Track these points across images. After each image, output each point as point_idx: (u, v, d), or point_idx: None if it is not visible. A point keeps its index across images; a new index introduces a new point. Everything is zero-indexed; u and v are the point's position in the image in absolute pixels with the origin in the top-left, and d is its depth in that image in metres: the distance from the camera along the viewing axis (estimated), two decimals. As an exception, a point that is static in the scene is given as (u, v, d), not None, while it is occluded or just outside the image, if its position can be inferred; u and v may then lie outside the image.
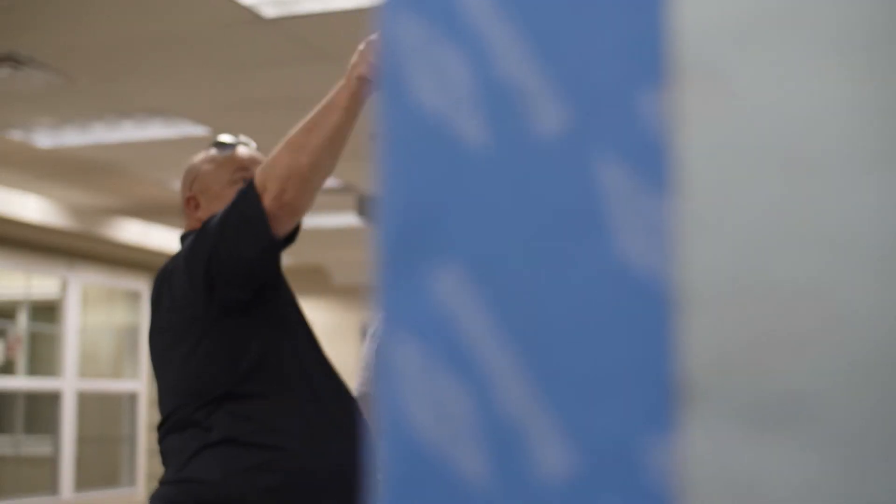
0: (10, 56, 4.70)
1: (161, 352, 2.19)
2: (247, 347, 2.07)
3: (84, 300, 8.80)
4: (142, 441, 9.20)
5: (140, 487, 9.14)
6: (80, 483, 8.52)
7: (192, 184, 2.30)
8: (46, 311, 8.68)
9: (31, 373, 8.51)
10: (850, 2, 0.57)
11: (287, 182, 1.98)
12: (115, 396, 9.19)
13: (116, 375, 9.31)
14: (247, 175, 2.21)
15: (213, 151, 2.32)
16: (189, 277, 2.08)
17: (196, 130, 5.96)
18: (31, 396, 8.66)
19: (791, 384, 0.55)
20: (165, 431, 2.15)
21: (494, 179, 0.60)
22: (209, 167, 2.29)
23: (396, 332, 0.60)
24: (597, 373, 0.58)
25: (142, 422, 9.24)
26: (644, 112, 0.58)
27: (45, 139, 6.20)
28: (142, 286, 9.32)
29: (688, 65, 0.58)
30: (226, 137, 2.34)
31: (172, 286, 2.14)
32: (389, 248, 0.60)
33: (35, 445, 8.69)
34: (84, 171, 6.98)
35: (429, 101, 0.61)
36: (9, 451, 8.63)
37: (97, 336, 9.23)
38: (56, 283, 8.54)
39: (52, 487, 8.30)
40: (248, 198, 2.01)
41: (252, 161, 2.28)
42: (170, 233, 8.93)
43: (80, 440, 8.58)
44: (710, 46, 0.58)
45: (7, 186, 7.44)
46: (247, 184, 2.04)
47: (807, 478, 0.54)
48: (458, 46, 0.61)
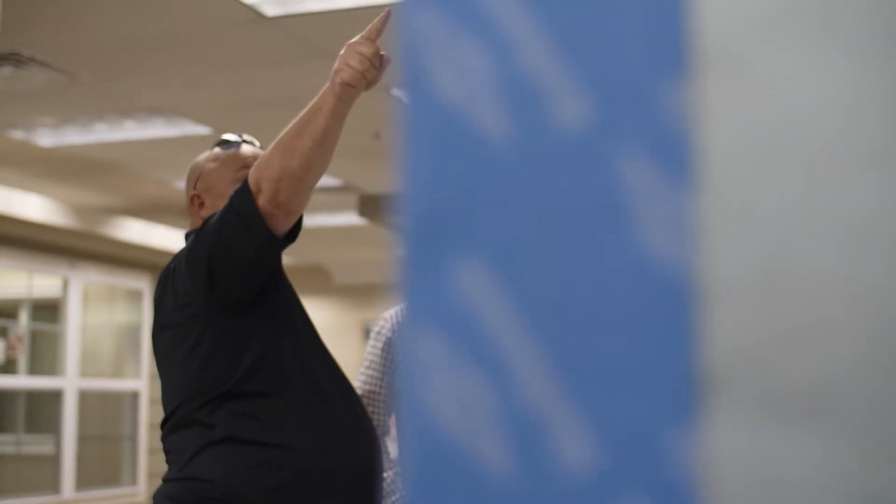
0: (12, 55, 4.70)
1: (164, 350, 2.20)
2: (247, 346, 2.07)
3: (85, 299, 8.79)
4: (143, 440, 9.20)
5: (141, 486, 9.14)
6: (82, 482, 8.51)
7: (197, 182, 2.30)
8: (48, 310, 8.67)
9: (33, 372, 8.51)
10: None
11: (280, 183, 1.98)
12: (117, 395, 9.19)
13: (118, 374, 9.30)
14: (251, 173, 2.21)
15: (218, 150, 2.32)
16: (191, 276, 2.08)
17: (198, 129, 5.95)
18: (33, 395, 8.66)
19: (815, 375, 0.55)
20: (168, 430, 2.15)
21: (517, 173, 0.60)
22: (213, 165, 2.29)
23: (420, 326, 0.60)
24: (620, 366, 0.58)
25: (143, 421, 9.23)
26: (667, 105, 0.58)
27: (47, 138, 6.20)
28: (143, 285, 9.31)
29: (710, 57, 0.58)
30: (230, 136, 2.34)
31: (175, 285, 2.14)
32: (413, 242, 0.60)
33: (36, 444, 8.68)
34: (85, 170, 6.97)
35: (451, 95, 0.61)
36: (10, 450, 8.62)
37: (98, 335, 9.22)
38: (57, 282, 8.54)
39: (54, 486, 8.29)
40: (244, 197, 2.01)
41: (255, 159, 2.28)
42: (171, 232, 8.93)
43: (82, 439, 8.57)
44: (733, 39, 0.58)
45: (8, 185, 7.44)
46: (241, 184, 2.04)
47: (832, 469, 0.54)
48: (481, 40, 0.61)
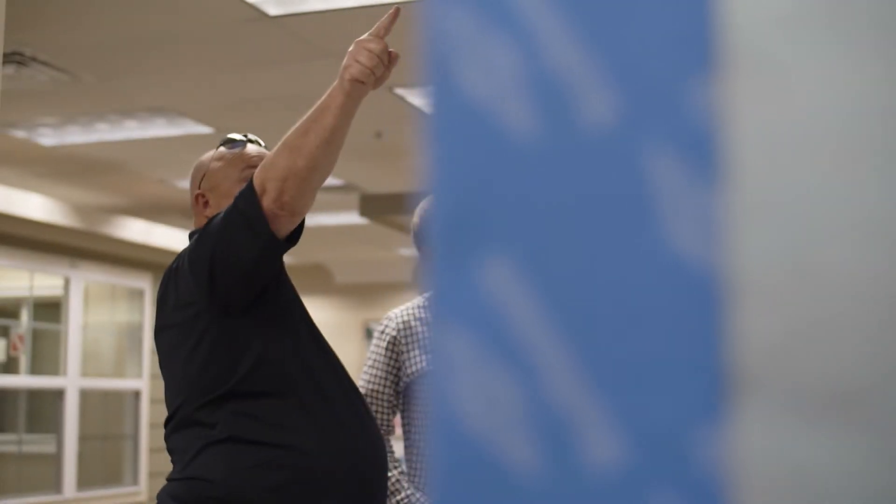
0: (14, 54, 4.70)
1: (166, 350, 2.20)
2: (248, 346, 2.07)
3: (86, 298, 8.79)
4: (144, 439, 9.20)
5: (143, 486, 9.14)
6: (83, 481, 8.51)
7: (201, 181, 2.29)
8: (49, 310, 8.67)
9: (34, 371, 8.51)
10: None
11: (285, 183, 1.97)
12: (118, 394, 9.19)
13: (119, 374, 9.30)
14: (256, 173, 2.21)
15: (223, 149, 2.32)
16: (192, 276, 2.08)
17: (200, 129, 5.95)
18: (34, 394, 8.66)
19: (844, 372, 0.55)
20: (171, 429, 2.16)
21: (544, 170, 0.60)
22: (218, 165, 2.29)
23: (447, 323, 0.60)
24: (648, 364, 0.58)
25: (144, 420, 9.23)
26: (694, 102, 0.58)
27: (49, 138, 6.20)
28: (144, 284, 9.31)
29: (738, 55, 0.58)
30: (235, 135, 2.34)
31: (177, 284, 2.14)
32: (440, 241, 0.60)
33: (38, 444, 8.68)
34: (87, 170, 6.97)
35: (478, 93, 0.61)
36: (11, 450, 8.62)
37: (100, 334, 9.22)
38: (59, 282, 8.54)
39: (55, 486, 8.29)
40: (248, 198, 2.00)
41: (261, 158, 2.27)
42: (173, 231, 8.93)
43: (83, 438, 8.57)
44: (761, 37, 0.58)
45: (10, 185, 7.44)
46: (247, 184, 2.04)
47: (861, 466, 0.54)
48: (507, 37, 0.61)
